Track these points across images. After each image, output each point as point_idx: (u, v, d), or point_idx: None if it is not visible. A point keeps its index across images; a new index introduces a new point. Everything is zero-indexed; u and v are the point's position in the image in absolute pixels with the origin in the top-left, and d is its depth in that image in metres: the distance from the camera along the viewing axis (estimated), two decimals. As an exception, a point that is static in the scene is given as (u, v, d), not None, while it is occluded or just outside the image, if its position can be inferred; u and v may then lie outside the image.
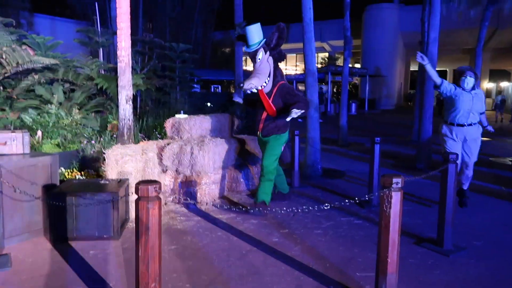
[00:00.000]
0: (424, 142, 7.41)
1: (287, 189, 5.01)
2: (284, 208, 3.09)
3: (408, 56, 33.88)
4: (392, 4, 27.85)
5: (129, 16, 5.78)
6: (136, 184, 2.06)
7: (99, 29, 8.59)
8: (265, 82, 4.29)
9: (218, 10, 26.86)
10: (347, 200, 3.00)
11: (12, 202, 3.35)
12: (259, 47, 4.25)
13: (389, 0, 27.96)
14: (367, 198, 3.10)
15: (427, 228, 4.04)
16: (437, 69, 6.17)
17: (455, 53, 31.91)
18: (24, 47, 5.92)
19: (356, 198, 3.00)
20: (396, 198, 2.38)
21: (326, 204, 2.90)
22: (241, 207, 4.49)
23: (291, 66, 37.35)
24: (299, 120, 10.39)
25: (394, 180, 2.38)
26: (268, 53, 4.29)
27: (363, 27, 28.39)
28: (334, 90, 28.71)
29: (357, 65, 31.38)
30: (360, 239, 3.77)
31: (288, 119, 4.15)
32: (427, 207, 4.90)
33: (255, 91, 4.32)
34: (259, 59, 4.26)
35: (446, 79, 7.32)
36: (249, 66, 36.29)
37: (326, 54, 34.72)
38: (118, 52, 5.58)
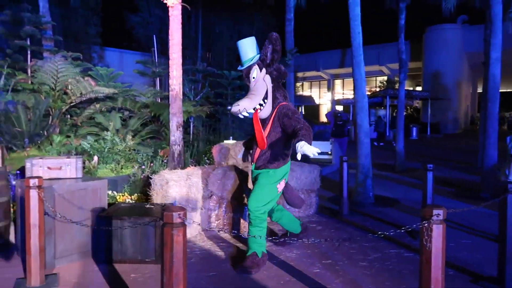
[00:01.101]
0: (488, 169, 6.82)
1: (299, 229, 4.13)
2: (329, 238, 2.94)
3: (474, 78, 31.98)
4: (455, 25, 26.63)
5: (181, 47, 6.08)
6: (161, 210, 2.08)
7: (156, 60, 9.11)
8: (261, 105, 3.53)
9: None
10: (397, 230, 2.79)
11: (63, 224, 3.54)
12: (252, 63, 3.57)
13: (452, 21, 26.80)
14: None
15: (488, 265, 3.65)
16: (501, 90, 5.74)
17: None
18: (86, 78, 6.43)
19: (407, 227, 2.79)
20: (437, 232, 2.17)
21: (374, 234, 2.72)
22: (283, 236, 4.38)
23: (348, 91, 36.83)
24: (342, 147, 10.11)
25: (435, 211, 2.18)
26: (264, 70, 3.57)
27: (423, 49, 27.36)
28: (394, 114, 27.69)
29: (418, 88, 30.15)
30: (409, 274, 3.48)
31: (298, 156, 3.01)
32: (490, 240, 4.45)
33: (246, 114, 3.53)
34: (253, 77, 3.57)
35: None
36: (306, 92, 36.43)
37: (385, 78, 33.84)
38: (170, 81, 5.86)
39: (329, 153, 10.55)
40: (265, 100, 3.54)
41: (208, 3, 22.73)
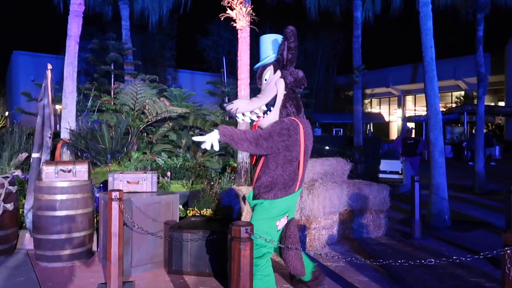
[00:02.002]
0: None
1: (309, 276, 3.27)
2: (400, 261, 2.79)
3: None
4: (542, 34, 24.40)
5: (249, 68, 6.30)
6: (230, 225, 2.16)
7: (225, 80, 9.50)
8: (265, 113, 2.89)
9: (340, 55, 27.22)
10: (476, 256, 2.60)
11: (139, 235, 3.79)
12: (266, 62, 2.98)
13: (539, 29, 24.57)
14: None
15: None
16: None
17: None
18: (162, 99, 6.89)
19: (487, 253, 2.58)
20: (523, 260, 1.99)
21: (450, 259, 2.56)
22: (351, 257, 4.26)
23: (421, 107, 35.08)
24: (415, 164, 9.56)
25: (520, 237, 2.00)
26: (278, 72, 2.93)
27: (506, 61, 25.33)
28: (474, 131, 25.73)
29: (501, 103, 27.83)
30: (491, 306, 3.20)
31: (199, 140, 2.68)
32: None
33: (247, 120, 2.95)
34: (265, 79, 2.96)
35: None
36: (375, 108, 35.36)
37: (462, 93, 31.76)
38: (238, 100, 6.07)
39: (400, 172, 10.10)
40: (271, 107, 2.86)
41: (275, 23, 23.25)
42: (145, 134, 7.85)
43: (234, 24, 7.05)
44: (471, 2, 9.82)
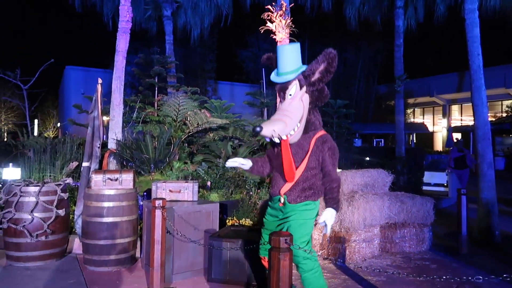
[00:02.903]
0: None
1: None
2: (445, 277, 2.68)
3: None
4: None
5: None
6: (269, 235, 2.19)
7: (264, 91, 9.60)
8: (293, 130, 2.82)
9: (381, 64, 26.68)
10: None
11: (180, 242, 3.89)
12: (293, 77, 2.86)
13: None
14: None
15: None
16: None
17: None
18: (203, 110, 7.07)
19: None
20: None
21: (500, 277, 2.44)
22: (393, 271, 4.14)
23: (468, 117, 33.56)
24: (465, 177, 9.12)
25: None
26: (304, 88, 2.86)
27: None
28: None
29: (558, 112, 26.05)
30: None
31: (320, 221, 2.81)
32: None
33: (277, 140, 2.81)
34: (290, 95, 2.86)
35: None
36: (418, 118, 34.27)
37: (512, 102, 30.10)
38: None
39: (445, 185, 9.70)
40: (298, 123, 2.83)
41: (314, 34, 23.26)
42: (186, 144, 8.07)
43: (274, 36, 7.16)
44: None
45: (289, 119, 2.78)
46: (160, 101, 8.54)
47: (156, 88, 9.40)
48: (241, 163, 3.08)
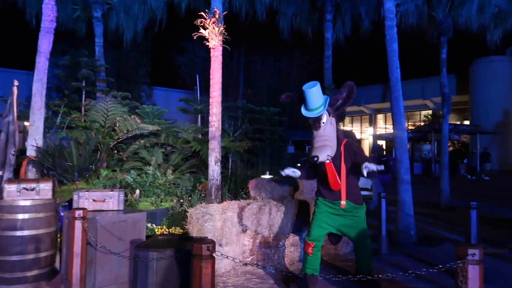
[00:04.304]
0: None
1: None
2: (359, 276, 2.84)
3: (528, 111, 30.27)
4: (503, 57, 25.70)
5: (221, 86, 6.37)
6: (191, 242, 2.17)
7: (199, 98, 9.54)
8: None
9: (314, 74, 27.80)
10: (436, 271, 2.69)
11: (104, 254, 3.71)
12: (323, 110, 3.69)
13: (500, 53, 25.90)
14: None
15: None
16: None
17: None
18: (133, 116, 6.84)
19: (440, 266, 2.68)
20: (473, 273, 2.08)
21: (413, 275, 2.63)
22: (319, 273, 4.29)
23: (391, 125, 36.06)
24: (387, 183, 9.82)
25: (470, 251, 2.10)
26: (331, 114, 3.78)
27: (470, 81, 26.52)
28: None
29: (466, 122, 28.97)
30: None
31: (364, 172, 3.47)
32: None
33: (328, 161, 3.66)
34: (323, 123, 3.71)
35: None
36: (347, 126, 36.08)
37: (430, 112, 32.92)
38: (210, 118, 6.13)
39: (369, 189, 10.29)
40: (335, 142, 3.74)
41: (249, 42, 23.64)
42: (116, 151, 7.74)
43: (207, 43, 7.14)
44: (435, 26, 10.31)
45: (331, 142, 3.65)
46: (87, 105, 8.12)
47: (84, 92, 8.92)
48: (294, 171, 4.00)
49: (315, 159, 3.50)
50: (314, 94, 3.65)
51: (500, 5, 10.39)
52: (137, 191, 5.60)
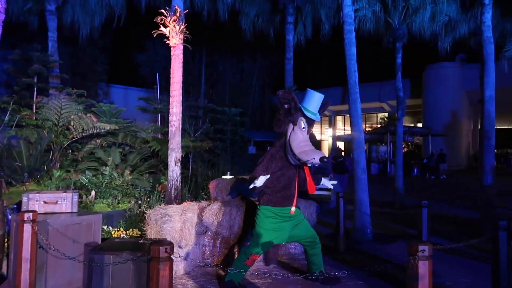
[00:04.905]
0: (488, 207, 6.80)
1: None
2: (316, 274, 2.89)
3: (476, 115, 32.22)
4: (453, 63, 27.18)
5: (181, 85, 6.27)
6: (148, 244, 2.11)
7: (159, 97, 9.34)
8: None
9: (276, 76, 28.08)
10: (390, 267, 2.78)
11: (56, 259, 3.54)
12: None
13: (451, 59, 27.37)
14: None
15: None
16: (498, 127, 5.83)
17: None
18: (89, 115, 6.59)
19: (388, 264, 2.78)
20: (423, 268, 2.18)
21: (369, 270, 2.71)
22: (278, 273, 4.33)
23: (350, 126, 37.07)
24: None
25: (420, 247, 2.20)
26: None
27: (423, 86, 27.84)
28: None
29: (419, 125, 30.37)
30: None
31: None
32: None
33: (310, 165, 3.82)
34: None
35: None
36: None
37: (386, 114, 34.21)
38: (170, 117, 6.02)
39: (329, 189, 10.52)
40: None
41: (211, 42, 23.49)
42: (70, 151, 7.43)
43: (168, 42, 7.01)
44: (391, 32, 10.72)
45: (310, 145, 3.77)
46: (39, 103, 7.72)
47: (36, 89, 8.49)
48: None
49: (325, 159, 3.55)
50: (320, 99, 3.84)
51: (450, 15, 10.97)
52: (93, 193, 5.39)
